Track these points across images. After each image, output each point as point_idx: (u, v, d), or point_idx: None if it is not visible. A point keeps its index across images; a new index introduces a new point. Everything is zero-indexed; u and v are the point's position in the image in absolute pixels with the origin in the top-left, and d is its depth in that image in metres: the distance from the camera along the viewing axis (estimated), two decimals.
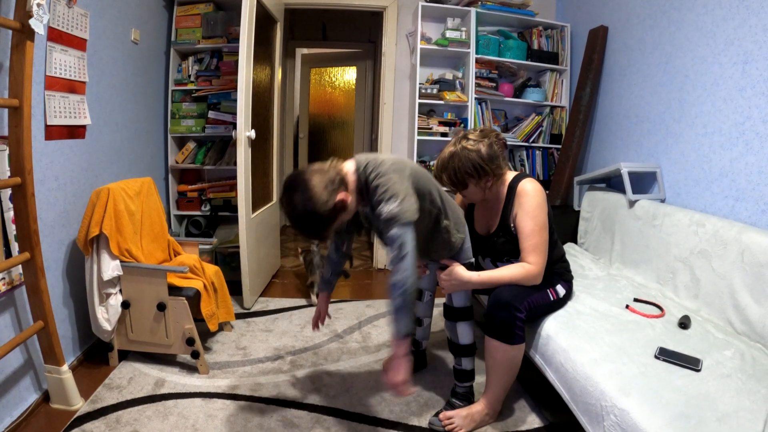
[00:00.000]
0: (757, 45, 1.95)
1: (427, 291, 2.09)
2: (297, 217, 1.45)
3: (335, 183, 1.46)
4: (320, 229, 1.48)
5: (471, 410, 1.81)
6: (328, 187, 1.44)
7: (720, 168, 2.14)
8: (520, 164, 3.67)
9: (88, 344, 2.31)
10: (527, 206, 1.77)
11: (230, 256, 3.27)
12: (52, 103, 2.00)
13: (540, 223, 1.76)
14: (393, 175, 1.47)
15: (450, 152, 1.79)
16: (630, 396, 1.35)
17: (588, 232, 2.86)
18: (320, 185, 1.42)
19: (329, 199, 1.43)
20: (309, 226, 1.46)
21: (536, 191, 1.79)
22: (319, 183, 1.43)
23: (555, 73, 3.62)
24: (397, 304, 1.42)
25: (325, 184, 1.43)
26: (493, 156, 1.76)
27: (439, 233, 1.75)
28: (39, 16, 1.57)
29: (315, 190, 1.41)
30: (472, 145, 1.75)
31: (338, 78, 5.64)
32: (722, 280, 1.87)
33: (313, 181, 1.43)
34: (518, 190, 1.81)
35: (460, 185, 1.80)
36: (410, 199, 1.47)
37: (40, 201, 1.88)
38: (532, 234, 1.75)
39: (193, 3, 3.25)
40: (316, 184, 1.42)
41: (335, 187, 1.46)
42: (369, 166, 1.52)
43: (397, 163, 1.53)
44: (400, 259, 1.41)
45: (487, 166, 1.75)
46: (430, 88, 3.44)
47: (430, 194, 1.65)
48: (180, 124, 3.32)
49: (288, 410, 1.92)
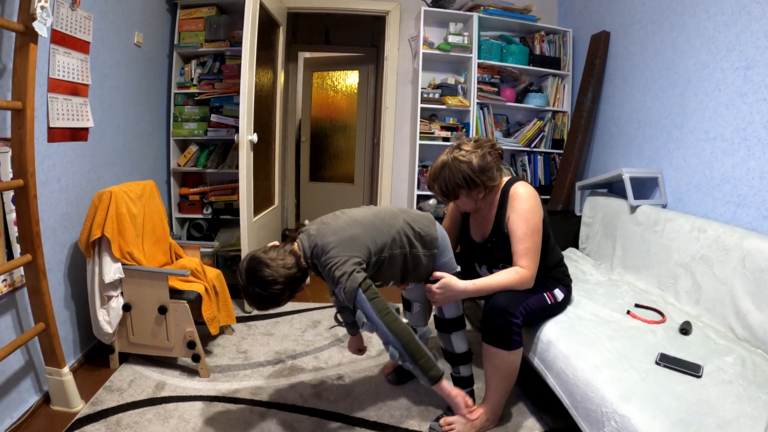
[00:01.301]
0: (759, 51, 1.95)
1: (416, 302, 2.06)
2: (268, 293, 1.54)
3: (293, 254, 1.60)
4: (288, 296, 1.60)
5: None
6: (286, 257, 1.58)
7: (722, 174, 2.13)
8: (522, 169, 3.67)
9: (88, 346, 2.31)
10: (519, 209, 1.76)
11: (232, 260, 3.27)
12: (55, 106, 2.01)
13: (532, 226, 1.75)
14: (338, 258, 1.55)
15: (442, 162, 1.79)
16: (631, 402, 1.34)
17: (589, 238, 2.86)
18: (280, 261, 1.56)
19: (292, 266, 1.57)
20: (279, 298, 1.57)
21: (529, 194, 1.78)
22: (277, 256, 1.57)
23: (557, 78, 3.62)
24: (404, 363, 1.53)
25: (282, 256, 1.57)
26: (484, 167, 1.75)
27: (414, 261, 1.74)
28: (42, 19, 1.58)
29: (278, 264, 1.54)
30: (464, 156, 1.75)
31: (340, 82, 5.65)
32: (723, 286, 1.86)
33: (272, 256, 1.56)
34: (511, 194, 1.80)
35: (451, 195, 1.80)
36: (354, 275, 1.53)
37: (42, 203, 1.88)
38: (524, 237, 1.74)
39: (196, 6, 3.27)
40: (274, 256, 1.56)
41: (294, 260, 1.59)
42: (315, 254, 1.61)
43: (342, 242, 1.59)
44: (375, 329, 1.54)
45: (477, 178, 1.74)
46: (432, 93, 3.45)
47: (393, 240, 1.68)
48: (182, 127, 3.33)
49: (288, 414, 1.92)
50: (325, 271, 1.58)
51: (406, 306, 2.10)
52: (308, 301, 3.17)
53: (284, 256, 1.57)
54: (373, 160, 5.30)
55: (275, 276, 1.52)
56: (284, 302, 1.61)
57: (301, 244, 1.65)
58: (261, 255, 1.57)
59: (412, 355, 1.50)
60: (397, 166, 3.91)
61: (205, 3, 3.25)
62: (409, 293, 2.04)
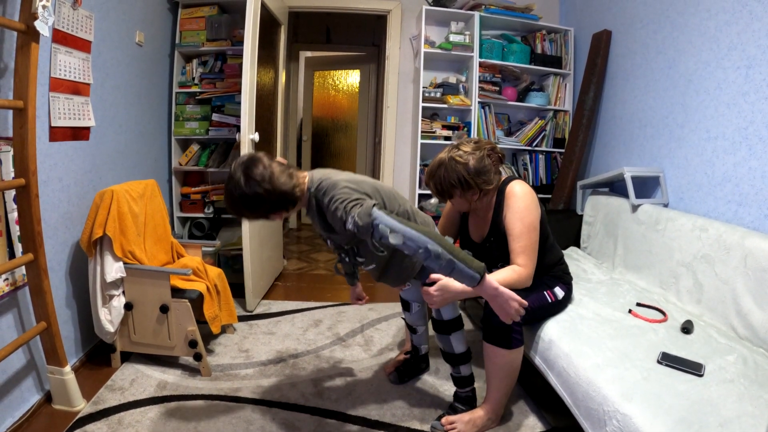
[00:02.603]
0: (760, 50, 1.95)
1: (414, 302, 2.07)
2: (248, 188, 1.44)
3: (293, 178, 1.50)
4: (264, 210, 1.49)
5: (473, 415, 1.81)
6: (286, 175, 1.48)
7: (723, 173, 2.13)
8: (523, 168, 3.67)
9: (90, 345, 2.32)
10: (515, 207, 1.76)
11: (233, 259, 3.27)
12: (57, 105, 2.01)
13: (529, 224, 1.74)
14: (346, 190, 1.46)
15: (440, 160, 1.79)
16: (632, 401, 1.34)
17: (591, 237, 2.86)
18: (279, 171, 1.47)
19: (287, 183, 1.47)
20: (256, 202, 1.46)
21: (525, 193, 1.78)
22: (278, 169, 1.48)
23: (558, 77, 3.62)
24: (440, 267, 1.34)
25: (284, 172, 1.48)
26: (481, 170, 1.74)
27: (400, 255, 1.67)
28: (44, 18, 1.58)
29: (275, 171, 1.46)
30: (461, 157, 1.74)
31: (342, 81, 5.65)
32: (725, 285, 1.86)
33: (274, 165, 1.48)
34: (507, 193, 1.81)
35: (445, 194, 1.81)
36: (367, 198, 1.45)
37: (44, 202, 1.89)
38: (521, 235, 1.73)
39: (198, 6, 3.27)
40: (276, 168, 1.47)
41: (294, 181, 1.50)
42: (322, 188, 1.52)
43: (353, 181, 1.52)
44: (402, 238, 1.34)
45: (472, 180, 1.74)
46: (433, 92, 3.45)
47: (398, 213, 1.61)
48: (184, 126, 3.33)
49: (290, 413, 1.92)
50: (331, 204, 1.45)
51: (404, 306, 2.10)
52: (309, 300, 3.17)
53: (285, 175, 1.48)
54: (374, 159, 5.30)
55: (264, 179, 1.44)
56: (255, 215, 1.51)
57: (310, 177, 1.58)
58: (265, 158, 1.49)
59: (451, 250, 1.33)
60: (398, 165, 3.91)
61: (207, 2, 3.26)
62: (407, 294, 2.05)
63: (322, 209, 1.53)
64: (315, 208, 1.57)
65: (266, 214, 1.52)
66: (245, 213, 1.52)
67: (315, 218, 1.62)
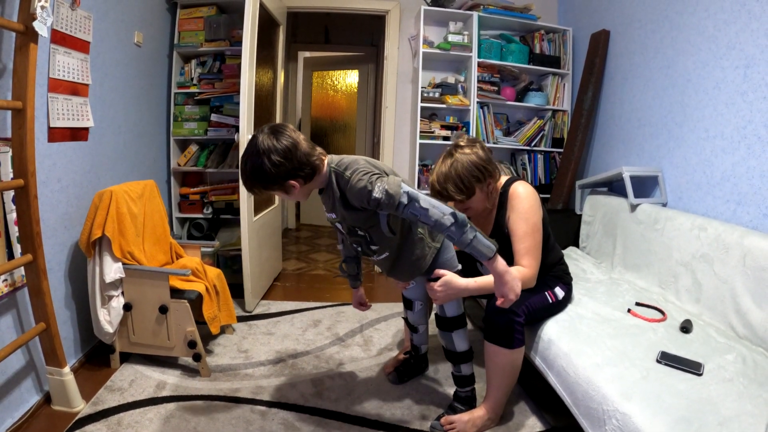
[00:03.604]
0: (759, 49, 1.95)
1: (417, 301, 2.07)
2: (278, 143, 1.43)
3: (315, 149, 1.53)
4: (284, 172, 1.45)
5: (473, 415, 1.81)
6: (309, 145, 1.51)
7: (722, 172, 2.13)
8: (522, 168, 3.67)
9: (89, 346, 2.31)
10: (519, 208, 1.77)
11: (232, 259, 3.27)
12: (55, 106, 2.01)
13: (533, 225, 1.75)
14: (368, 166, 1.50)
15: (448, 162, 1.79)
16: (632, 400, 1.34)
17: (590, 236, 2.86)
18: (303, 138, 1.51)
19: (310, 153, 1.49)
20: (280, 161, 1.43)
21: (528, 193, 1.79)
22: (302, 137, 1.51)
23: (557, 77, 3.62)
24: (462, 233, 1.39)
25: (307, 141, 1.51)
26: (488, 158, 1.80)
27: (412, 244, 1.70)
28: (43, 19, 1.58)
29: (301, 140, 1.48)
30: (469, 151, 1.78)
31: (340, 81, 5.65)
32: (724, 284, 1.86)
33: (300, 137, 1.50)
34: (510, 194, 1.81)
35: (467, 191, 1.78)
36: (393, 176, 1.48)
37: (42, 203, 1.88)
38: (525, 236, 1.74)
39: (196, 6, 3.27)
40: (300, 136, 1.51)
41: (316, 152, 1.52)
42: (343, 164, 1.54)
43: (370, 162, 1.55)
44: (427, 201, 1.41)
45: (488, 166, 1.78)
46: (432, 92, 3.45)
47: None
48: (182, 126, 3.33)
49: (289, 413, 1.92)
50: (354, 175, 1.47)
51: (407, 305, 2.10)
52: (308, 300, 3.17)
53: (308, 145, 1.50)
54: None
55: (291, 138, 1.45)
56: (273, 183, 1.47)
57: (329, 157, 1.59)
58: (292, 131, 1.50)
59: (460, 227, 1.39)
60: (397, 166, 3.91)
61: (205, 2, 3.26)
62: (410, 292, 2.05)
63: (340, 186, 1.55)
64: (334, 184, 1.57)
65: (287, 177, 1.47)
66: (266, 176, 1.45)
67: (331, 197, 1.60)
